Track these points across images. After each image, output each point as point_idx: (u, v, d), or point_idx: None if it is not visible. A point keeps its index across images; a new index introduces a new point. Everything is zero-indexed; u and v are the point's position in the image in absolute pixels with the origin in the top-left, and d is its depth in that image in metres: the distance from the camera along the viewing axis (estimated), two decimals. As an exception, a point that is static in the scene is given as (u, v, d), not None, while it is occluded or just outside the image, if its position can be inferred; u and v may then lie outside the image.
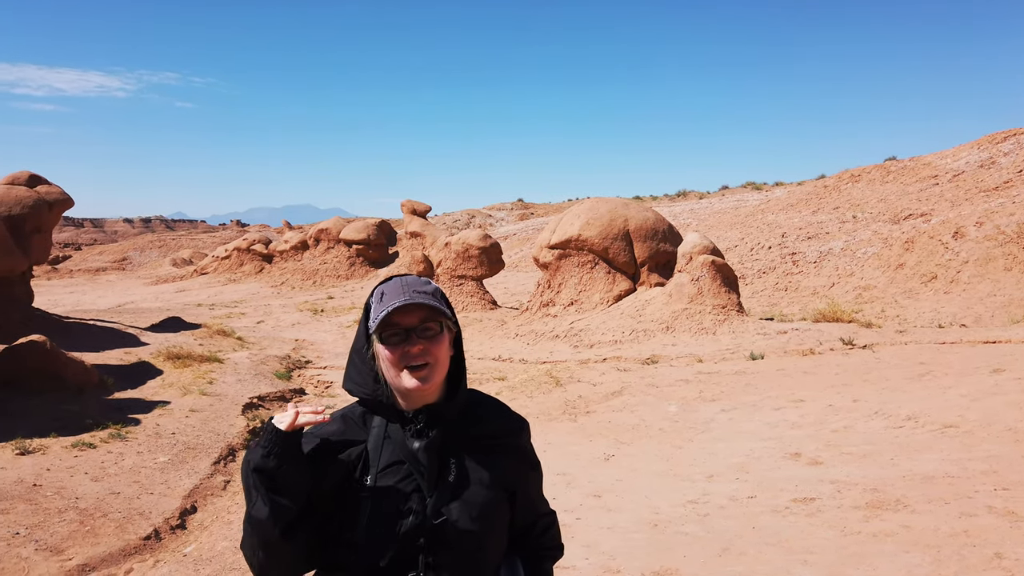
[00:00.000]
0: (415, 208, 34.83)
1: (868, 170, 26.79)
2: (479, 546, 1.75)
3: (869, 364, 10.58)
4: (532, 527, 1.96)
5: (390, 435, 1.77)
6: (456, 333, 1.84)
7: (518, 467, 1.89)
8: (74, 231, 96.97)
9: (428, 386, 1.73)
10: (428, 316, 1.74)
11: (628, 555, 5.04)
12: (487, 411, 1.91)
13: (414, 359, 1.71)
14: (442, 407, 1.78)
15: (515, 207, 54.13)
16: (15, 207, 15.87)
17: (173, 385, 11.36)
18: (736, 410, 8.94)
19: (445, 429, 1.77)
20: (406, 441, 1.75)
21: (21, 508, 6.12)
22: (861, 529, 5.07)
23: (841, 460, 6.64)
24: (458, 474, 1.75)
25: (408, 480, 1.73)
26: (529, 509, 1.94)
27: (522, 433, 1.95)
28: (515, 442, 1.91)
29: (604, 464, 7.39)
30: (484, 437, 1.84)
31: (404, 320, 1.72)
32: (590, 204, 17.15)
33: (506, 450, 1.87)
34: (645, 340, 13.48)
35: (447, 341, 1.77)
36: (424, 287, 1.77)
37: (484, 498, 1.76)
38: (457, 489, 1.74)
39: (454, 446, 1.78)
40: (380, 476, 1.73)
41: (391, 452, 1.75)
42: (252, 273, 38.56)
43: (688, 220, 32.93)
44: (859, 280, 18.04)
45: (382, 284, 1.81)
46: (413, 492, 1.72)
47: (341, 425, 1.81)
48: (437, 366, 1.74)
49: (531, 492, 1.95)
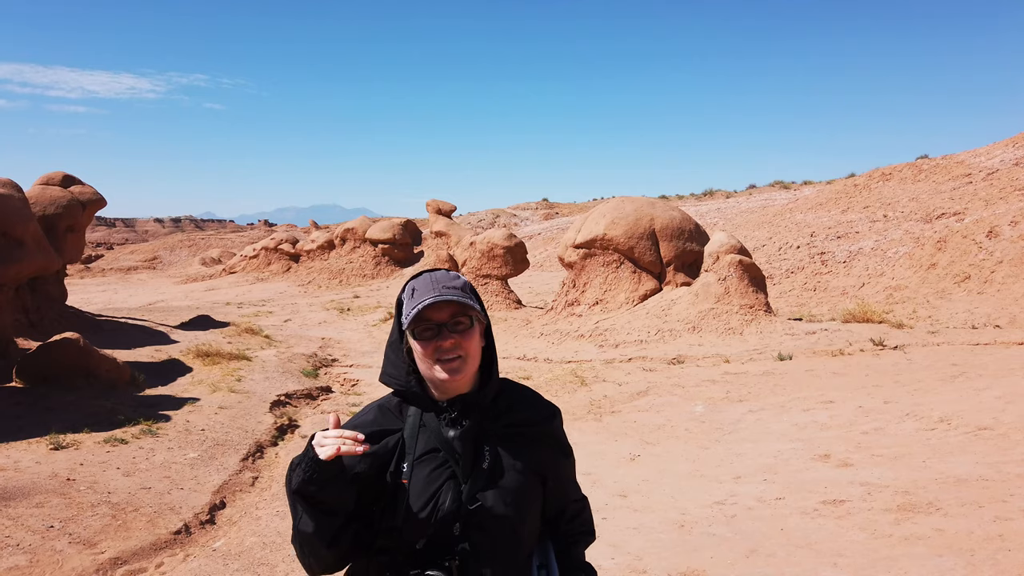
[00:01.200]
0: (440, 208, 34.94)
1: (900, 168, 26.35)
2: (513, 531, 1.81)
3: (900, 365, 10.41)
4: (563, 512, 2.01)
5: (425, 424, 1.84)
6: (486, 325, 1.89)
7: (550, 454, 1.95)
8: (106, 231, 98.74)
9: (460, 378, 1.79)
10: (458, 311, 1.79)
11: (655, 555, 5.01)
12: (519, 399, 1.97)
13: (446, 353, 1.77)
14: (475, 396, 1.85)
15: (540, 207, 54.11)
16: (50, 207, 16.20)
17: (202, 382, 11.52)
18: (764, 411, 8.84)
19: (479, 418, 1.84)
20: (441, 430, 1.82)
21: (55, 502, 6.23)
22: (892, 532, 4.99)
23: (872, 462, 6.53)
24: (492, 461, 1.81)
25: (443, 467, 1.79)
26: (561, 495, 1.99)
27: (554, 420, 2.00)
28: (547, 429, 1.96)
29: (630, 464, 7.36)
30: (517, 425, 1.90)
31: (435, 315, 1.77)
32: (616, 203, 17.07)
33: (538, 437, 1.93)
34: (671, 340, 13.39)
35: (478, 334, 1.83)
36: (453, 282, 1.82)
37: (517, 484, 1.82)
38: (491, 476, 1.80)
39: (488, 434, 1.85)
40: (416, 464, 1.80)
41: (427, 440, 1.82)
42: (279, 272, 38.96)
43: (715, 219, 32.67)
44: (890, 280, 17.76)
45: (413, 280, 1.86)
46: (448, 479, 1.78)
47: (378, 415, 1.88)
48: (468, 358, 1.79)
49: (563, 478, 2.00)
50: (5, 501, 6.11)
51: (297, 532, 1.73)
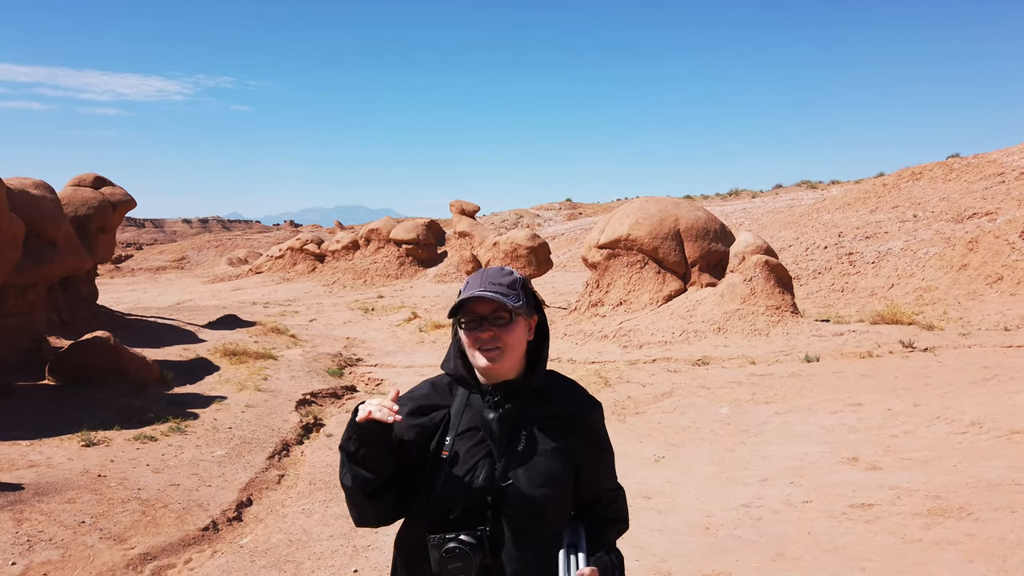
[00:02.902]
0: (464, 208, 35.02)
1: (930, 168, 25.91)
2: (541, 509, 1.92)
3: (930, 368, 10.24)
4: (597, 500, 2.09)
5: (471, 404, 2.00)
6: (539, 320, 2.03)
7: (585, 445, 2.04)
8: (136, 231, 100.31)
9: (497, 367, 1.93)
10: (500, 306, 1.93)
11: (679, 557, 4.98)
12: (562, 391, 2.09)
13: (485, 343, 1.93)
14: (518, 384, 1.98)
15: (563, 207, 54.00)
16: (81, 208, 16.48)
17: (229, 381, 11.65)
18: (790, 413, 8.75)
19: (519, 403, 1.97)
20: (484, 411, 1.97)
21: (86, 498, 6.34)
22: (922, 537, 4.91)
23: (901, 466, 6.44)
24: (527, 444, 1.95)
25: (482, 445, 1.94)
26: (595, 483, 2.08)
27: (592, 413, 2.09)
28: (584, 422, 2.06)
29: (654, 465, 7.32)
30: (556, 415, 2.02)
31: (478, 308, 1.94)
32: (640, 203, 16.99)
33: (575, 428, 2.03)
34: (696, 341, 13.29)
35: (520, 328, 1.96)
36: (502, 279, 1.97)
37: (548, 468, 1.94)
38: (524, 457, 1.93)
39: (526, 419, 1.98)
40: (458, 439, 1.96)
41: (470, 418, 1.98)
42: (305, 272, 39.29)
43: (740, 219, 32.37)
44: (920, 281, 17.47)
45: (471, 276, 2.02)
46: (485, 456, 1.93)
47: (430, 390, 2.07)
48: (507, 350, 1.93)
49: (598, 469, 2.08)
50: (38, 496, 6.23)
51: (342, 485, 1.93)
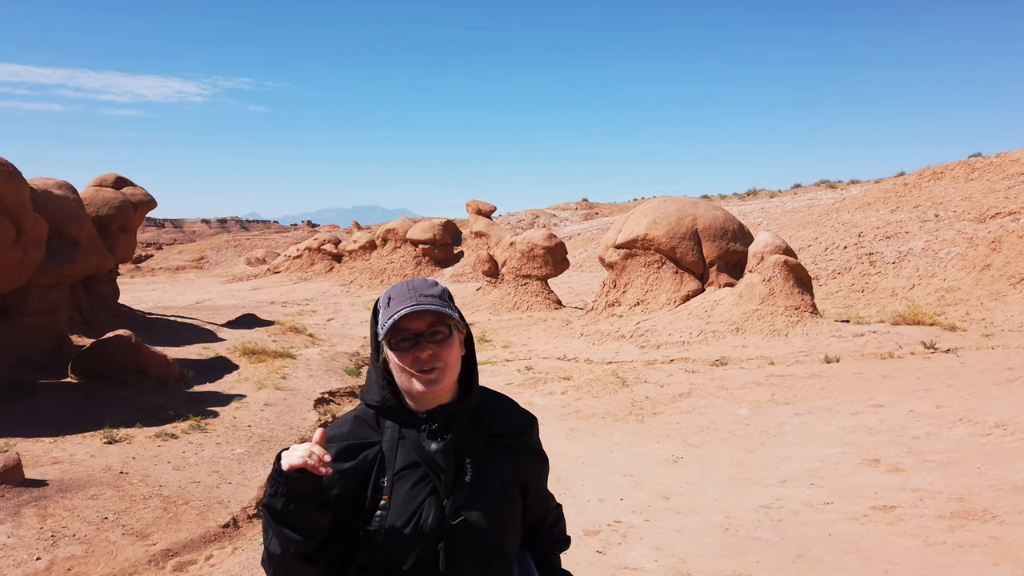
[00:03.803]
0: (480, 208, 35.07)
1: (951, 167, 25.62)
2: (498, 544, 1.75)
3: (953, 369, 10.12)
4: (543, 521, 1.98)
5: (404, 436, 1.76)
6: (467, 334, 1.83)
7: (530, 464, 1.91)
8: (156, 231, 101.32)
9: (438, 388, 1.72)
10: (436, 320, 1.73)
11: (699, 558, 4.95)
12: (499, 409, 1.91)
13: (424, 364, 1.70)
14: (455, 407, 1.78)
15: (579, 207, 53.93)
16: (103, 208, 16.67)
17: (248, 379, 11.74)
18: (810, 414, 8.68)
19: (460, 429, 1.77)
20: (422, 443, 1.74)
21: (109, 494, 6.42)
22: (946, 539, 4.85)
23: (924, 468, 6.37)
24: (474, 474, 1.75)
25: (425, 482, 1.72)
26: (541, 504, 1.97)
27: (532, 430, 1.95)
28: (526, 440, 1.92)
29: (672, 466, 7.28)
30: (497, 436, 1.84)
31: (412, 325, 1.71)
32: (657, 203, 16.92)
33: (519, 448, 1.88)
34: (714, 341, 13.22)
35: (457, 343, 1.76)
36: (431, 290, 1.76)
37: (501, 497, 1.77)
38: (474, 489, 1.73)
39: (469, 445, 1.78)
40: (397, 479, 1.72)
41: (406, 454, 1.74)
42: (322, 272, 39.52)
43: (758, 219, 32.18)
44: (941, 281, 17.28)
45: (390, 289, 1.80)
46: (430, 494, 1.71)
47: (354, 426, 1.80)
48: (447, 369, 1.73)
49: (542, 488, 1.98)
50: (62, 493, 6.31)
51: (267, 552, 1.65)
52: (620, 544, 5.22)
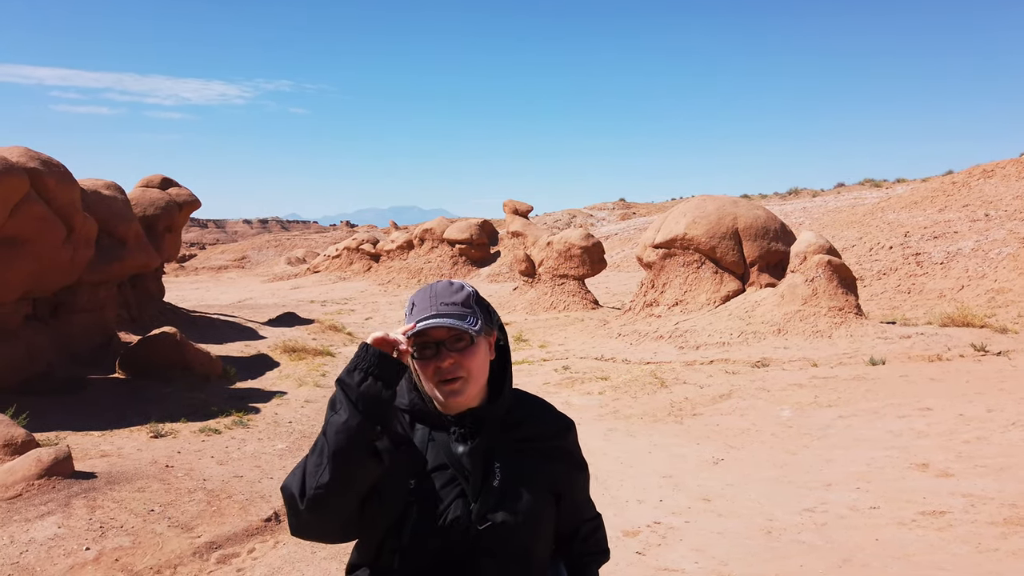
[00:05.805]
0: (517, 208, 35.08)
1: (1003, 165, 24.86)
2: (525, 551, 1.71)
3: (1004, 372, 9.81)
4: (578, 531, 1.91)
5: (434, 438, 1.73)
6: (498, 335, 1.78)
7: (564, 470, 1.84)
8: (199, 231, 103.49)
9: (461, 399, 1.69)
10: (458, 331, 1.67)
11: (741, 561, 4.87)
12: (532, 412, 1.85)
13: (446, 373, 1.66)
14: (485, 411, 1.74)
15: (616, 207, 53.61)
16: (149, 208, 17.06)
17: (289, 376, 11.90)
18: (855, 417, 8.49)
19: (489, 432, 1.73)
20: (451, 445, 1.71)
21: (155, 487, 6.55)
22: (998, 546, 4.71)
23: (975, 473, 6.18)
24: (503, 478, 1.71)
25: (452, 485, 1.68)
26: (575, 512, 1.89)
27: (568, 434, 1.88)
28: (561, 444, 1.85)
29: (713, 468, 7.19)
30: (529, 440, 1.79)
31: (433, 333, 1.66)
32: (696, 202, 16.73)
33: (552, 452, 1.82)
34: (755, 342, 13.02)
35: (482, 350, 1.71)
36: (453, 296, 1.70)
37: (529, 503, 1.71)
38: (502, 494, 1.69)
39: (499, 449, 1.74)
40: (425, 479, 1.69)
41: (436, 455, 1.71)
42: (361, 271, 39.93)
43: (800, 219, 31.62)
44: (992, 282, 16.77)
45: (415, 294, 1.75)
46: (457, 497, 1.67)
47: None
48: (471, 379, 1.68)
49: (577, 495, 1.90)
50: (110, 485, 6.46)
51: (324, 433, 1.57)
52: (660, 545, 5.16)
